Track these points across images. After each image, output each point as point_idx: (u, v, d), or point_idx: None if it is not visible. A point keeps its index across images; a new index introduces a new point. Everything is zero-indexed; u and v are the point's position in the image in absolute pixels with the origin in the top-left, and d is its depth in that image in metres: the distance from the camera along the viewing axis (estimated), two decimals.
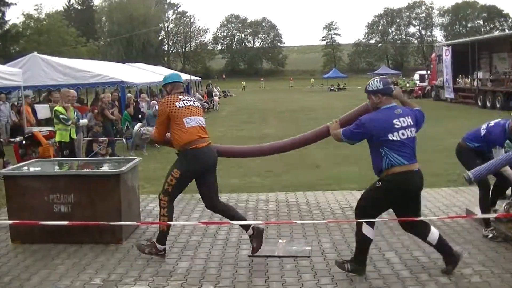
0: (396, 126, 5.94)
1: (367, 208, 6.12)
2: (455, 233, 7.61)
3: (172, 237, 7.78)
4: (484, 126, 7.59)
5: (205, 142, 6.87)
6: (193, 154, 6.71)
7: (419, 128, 6.33)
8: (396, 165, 5.92)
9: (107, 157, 14.24)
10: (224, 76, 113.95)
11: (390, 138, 5.90)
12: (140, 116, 19.33)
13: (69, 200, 7.47)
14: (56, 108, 12.86)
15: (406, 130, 6.00)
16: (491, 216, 7.24)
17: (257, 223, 7.34)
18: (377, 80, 6.23)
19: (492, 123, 7.53)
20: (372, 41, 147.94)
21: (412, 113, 6.24)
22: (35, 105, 23.77)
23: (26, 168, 8.49)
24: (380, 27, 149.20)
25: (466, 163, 7.66)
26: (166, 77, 7.58)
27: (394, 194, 6.04)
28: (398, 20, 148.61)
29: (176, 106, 6.80)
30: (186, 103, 6.91)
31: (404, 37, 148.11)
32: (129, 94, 21.40)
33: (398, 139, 5.92)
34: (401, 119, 6.02)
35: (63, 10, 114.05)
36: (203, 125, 7.02)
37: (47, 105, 20.66)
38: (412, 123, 6.11)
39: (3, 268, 6.70)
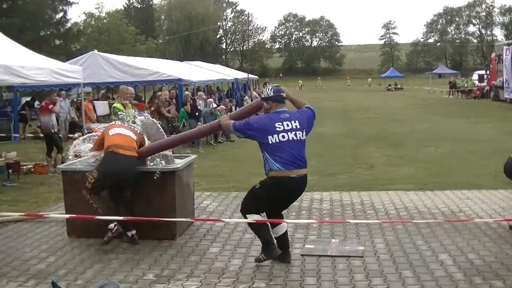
0: (278, 129, 6.25)
1: (249, 205, 6.61)
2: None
3: (225, 235, 7.85)
4: None
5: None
6: None
7: (310, 129, 6.60)
8: (273, 170, 6.32)
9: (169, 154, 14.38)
10: (281, 75, 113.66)
11: (270, 142, 6.26)
12: (197, 113, 19.52)
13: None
14: (114, 105, 13.03)
15: (289, 133, 6.27)
16: None
17: (311, 221, 7.31)
18: (269, 88, 6.62)
19: None
20: (431, 40, 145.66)
21: (301, 117, 6.50)
22: (94, 101, 24.20)
23: (82, 163, 8.58)
24: (439, 26, 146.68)
25: None
26: None
27: (270, 196, 6.47)
28: (457, 19, 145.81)
29: None
30: None
31: (464, 36, 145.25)
32: (186, 92, 21.62)
33: (277, 141, 6.22)
34: (286, 122, 6.31)
35: (123, 8, 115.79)
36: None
37: (106, 102, 21.03)
38: (298, 126, 6.35)
39: (59, 261, 6.84)
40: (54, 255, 7.09)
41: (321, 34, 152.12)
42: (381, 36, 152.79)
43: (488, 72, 50.95)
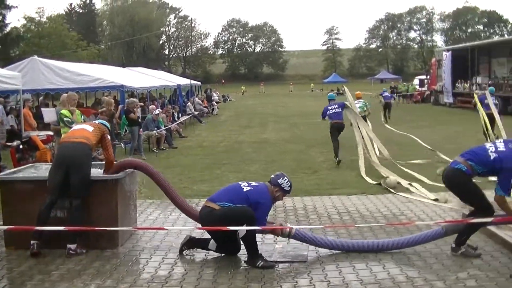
0: None
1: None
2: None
3: (168, 243, 7.78)
4: (492, 149, 6.75)
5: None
6: None
7: None
8: None
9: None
10: (223, 81, 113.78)
11: None
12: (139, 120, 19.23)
13: (66, 205, 7.41)
14: (61, 111, 12.85)
15: None
16: (489, 220, 6.98)
17: (254, 228, 7.28)
18: (287, 182, 7.19)
19: (501, 146, 6.73)
20: (373, 46, 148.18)
21: None
22: (42, 109, 23.67)
23: (21, 172, 8.42)
24: (381, 32, 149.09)
25: (471, 192, 6.96)
26: None
27: None
28: (399, 25, 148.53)
29: None
30: None
31: (405, 42, 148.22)
32: (133, 99, 21.21)
33: None
34: None
35: (64, 13, 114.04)
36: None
37: (54, 108, 20.59)
38: None
39: None
40: None
41: (264, 40, 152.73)
42: (324, 42, 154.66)
43: (428, 77, 52.03)
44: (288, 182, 7.13)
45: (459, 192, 7.11)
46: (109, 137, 8.19)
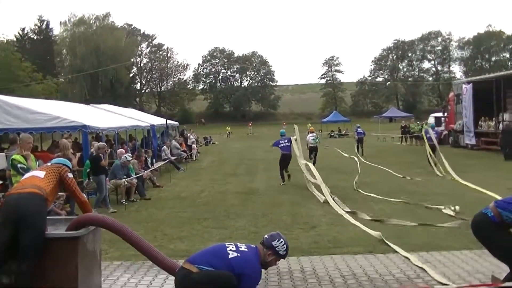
0: None
1: None
2: None
3: None
4: None
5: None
6: None
7: None
8: None
9: (64, 217, 14.08)
10: (203, 121, 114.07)
11: None
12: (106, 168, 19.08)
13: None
14: (13, 156, 12.69)
15: None
16: None
17: None
18: (283, 245, 7.25)
19: None
20: (380, 79, 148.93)
21: None
22: None
23: None
24: (389, 62, 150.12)
25: (497, 244, 7.02)
26: None
27: None
28: (410, 54, 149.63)
29: None
30: None
31: (417, 73, 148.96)
32: (104, 143, 21.07)
33: None
34: None
35: (15, 40, 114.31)
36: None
37: (3, 153, 20.47)
38: None
39: None
40: None
41: (253, 73, 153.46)
42: (322, 75, 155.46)
43: (445, 114, 51.95)
44: (285, 246, 7.13)
45: (483, 241, 7.10)
46: (70, 175, 8.09)
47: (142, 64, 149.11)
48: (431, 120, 58.85)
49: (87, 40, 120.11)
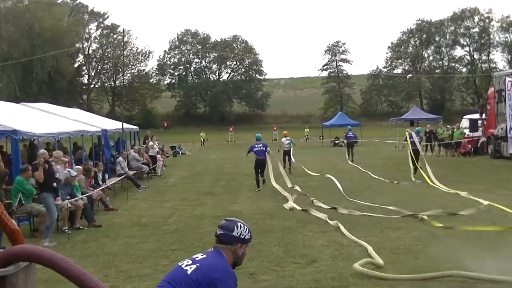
0: None
1: None
2: None
3: None
4: None
5: None
6: None
7: None
8: None
9: None
10: (165, 124, 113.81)
11: None
12: (54, 184, 18.87)
13: None
14: None
15: None
16: None
17: None
18: (246, 229, 7.59)
19: None
20: (398, 71, 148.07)
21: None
22: None
23: None
24: (410, 49, 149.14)
25: None
26: None
27: None
28: (437, 39, 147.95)
29: None
30: None
31: (447, 64, 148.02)
32: (42, 150, 21.02)
33: None
34: None
35: None
36: None
37: None
38: None
39: None
40: None
41: (234, 63, 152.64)
42: (324, 66, 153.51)
43: (484, 116, 51.45)
44: (246, 228, 7.46)
45: None
46: None
47: (90, 51, 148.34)
48: (464, 123, 57.94)
49: (17, 18, 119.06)
